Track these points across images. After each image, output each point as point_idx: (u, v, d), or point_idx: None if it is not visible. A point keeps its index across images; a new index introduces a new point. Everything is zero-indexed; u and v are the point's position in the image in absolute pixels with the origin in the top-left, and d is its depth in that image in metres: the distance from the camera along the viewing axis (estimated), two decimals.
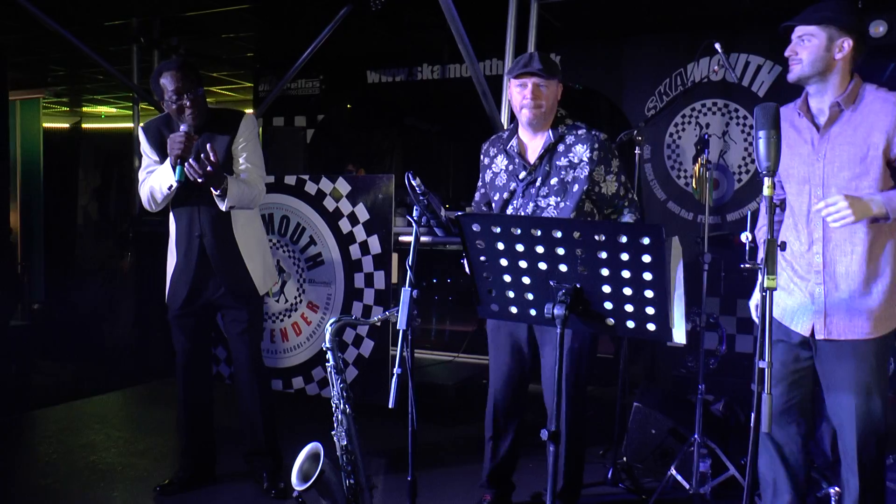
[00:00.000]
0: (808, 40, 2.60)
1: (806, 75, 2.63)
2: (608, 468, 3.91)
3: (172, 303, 3.70)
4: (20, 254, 8.48)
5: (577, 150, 3.16)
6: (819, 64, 2.60)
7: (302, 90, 7.65)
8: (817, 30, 2.59)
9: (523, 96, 3.16)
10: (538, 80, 3.14)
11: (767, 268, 2.05)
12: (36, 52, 7.81)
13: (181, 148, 3.35)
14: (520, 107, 3.19)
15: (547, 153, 3.20)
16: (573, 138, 3.18)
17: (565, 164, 3.16)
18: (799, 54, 2.62)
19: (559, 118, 3.26)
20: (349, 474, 2.85)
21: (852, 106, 2.61)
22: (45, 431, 4.86)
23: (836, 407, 2.67)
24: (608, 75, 6.17)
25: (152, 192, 3.54)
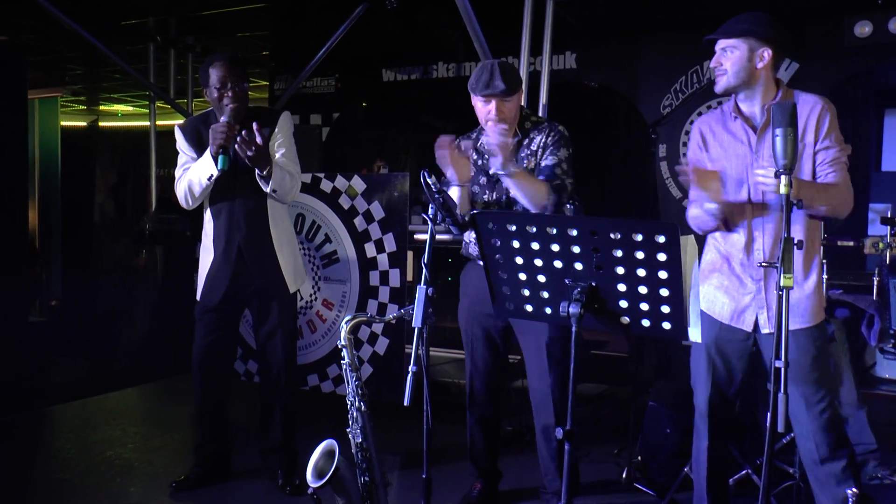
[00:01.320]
0: (731, 52, 2.73)
1: (732, 85, 2.75)
2: (623, 467, 3.90)
3: (208, 299, 3.70)
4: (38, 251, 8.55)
5: (537, 140, 3.29)
6: (743, 74, 2.72)
7: (317, 89, 7.67)
8: (738, 42, 2.72)
9: (488, 111, 3.23)
10: (499, 99, 3.21)
11: (784, 266, 2.05)
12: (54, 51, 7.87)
13: (223, 137, 3.39)
14: (485, 120, 3.27)
15: (514, 149, 3.29)
16: (536, 131, 3.31)
17: (527, 153, 3.29)
18: (723, 65, 2.74)
19: (525, 115, 3.38)
20: (364, 471, 2.86)
21: None
22: (62, 427, 4.91)
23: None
24: (624, 73, 6.16)
25: (190, 185, 3.55)
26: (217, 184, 3.53)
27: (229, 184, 3.57)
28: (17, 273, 5.42)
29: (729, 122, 2.82)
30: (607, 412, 5.16)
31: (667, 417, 3.89)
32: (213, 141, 3.42)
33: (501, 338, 3.44)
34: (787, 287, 2.06)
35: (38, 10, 5.49)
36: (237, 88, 3.51)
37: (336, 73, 7.56)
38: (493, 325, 3.41)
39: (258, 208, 3.61)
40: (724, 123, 2.84)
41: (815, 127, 2.68)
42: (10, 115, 5.30)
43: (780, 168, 2.19)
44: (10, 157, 5.27)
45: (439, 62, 6.98)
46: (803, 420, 2.71)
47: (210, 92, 3.55)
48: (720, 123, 2.85)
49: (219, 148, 3.40)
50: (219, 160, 3.41)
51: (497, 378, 3.49)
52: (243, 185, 3.57)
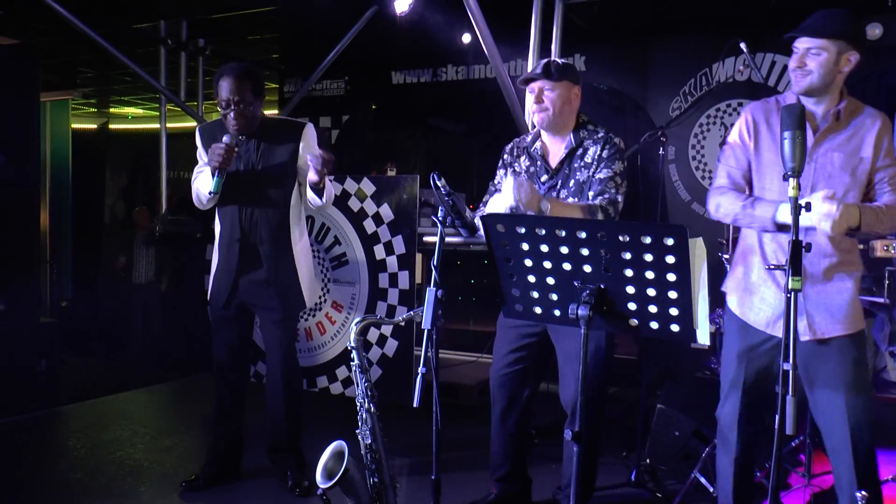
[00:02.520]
0: (819, 53, 2.58)
1: (815, 88, 2.61)
2: (632, 470, 3.90)
3: (215, 302, 3.75)
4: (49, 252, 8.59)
5: (591, 152, 3.21)
6: (828, 78, 2.59)
7: (327, 91, 7.70)
8: (829, 43, 2.56)
9: (532, 101, 3.24)
10: (542, 83, 3.20)
11: (793, 269, 2.05)
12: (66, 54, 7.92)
13: (219, 160, 3.43)
14: (532, 112, 3.27)
15: (567, 157, 3.24)
16: (591, 142, 3.23)
17: (582, 165, 3.21)
18: (808, 66, 2.59)
19: (582, 122, 3.29)
20: (373, 473, 2.87)
21: (848, 118, 2.65)
22: (73, 427, 4.93)
23: (825, 404, 2.66)
24: (633, 75, 6.16)
25: (198, 193, 3.64)
26: (231, 189, 3.58)
27: (244, 190, 3.59)
28: (28, 274, 5.45)
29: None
30: (616, 414, 5.15)
31: (676, 420, 3.89)
32: (210, 162, 3.47)
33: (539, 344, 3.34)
34: (796, 290, 2.05)
35: (51, 13, 5.53)
36: (242, 107, 3.49)
37: (346, 76, 7.59)
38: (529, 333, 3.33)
39: (280, 222, 3.65)
40: (778, 116, 2.66)
41: (875, 142, 2.61)
42: (23, 118, 5.34)
43: (787, 171, 2.18)
44: (22, 159, 5.30)
45: (448, 65, 7.00)
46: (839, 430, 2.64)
47: (219, 104, 3.55)
48: (773, 115, 2.72)
49: (214, 169, 3.45)
50: (213, 181, 3.46)
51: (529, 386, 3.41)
52: (260, 194, 3.61)
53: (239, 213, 3.63)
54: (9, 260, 5.22)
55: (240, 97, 3.48)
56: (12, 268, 5.24)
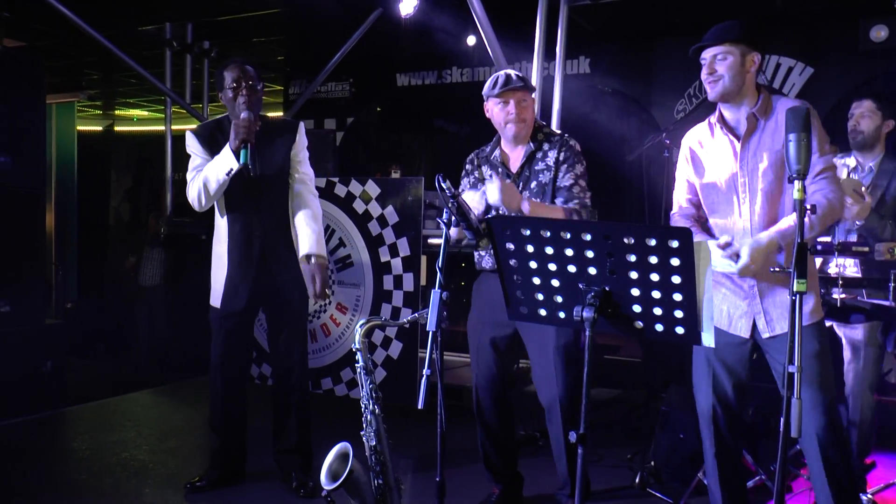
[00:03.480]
0: (725, 58, 2.73)
1: (728, 90, 2.74)
2: (636, 472, 3.89)
3: (229, 306, 3.69)
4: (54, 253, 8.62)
5: (551, 154, 3.32)
6: (738, 79, 2.74)
7: (332, 93, 7.71)
8: (732, 48, 2.74)
9: (507, 112, 3.29)
10: (521, 95, 3.29)
11: (797, 271, 2.05)
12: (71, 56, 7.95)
13: (246, 131, 3.45)
14: (504, 122, 3.32)
15: (527, 161, 3.35)
16: (548, 144, 3.34)
17: (542, 167, 3.32)
18: (718, 71, 2.74)
19: (537, 127, 3.41)
20: (378, 474, 2.87)
21: (766, 116, 2.75)
22: (78, 428, 4.95)
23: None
24: (637, 77, 6.16)
25: (206, 182, 3.53)
26: (237, 190, 3.56)
27: (250, 191, 3.59)
28: (33, 275, 5.46)
29: (717, 132, 2.85)
30: (620, 417, 5.15)
31: (680, 422, 3.89)
32: (236, 135, 3.45)
33: (507, 348, 3.45)
34: (801, 292, 2.05)
35: (56, 15, 5.55)
36: (251, 87, 3.57)
37: (350, 78, 7.60)
38: (500, 336, 3.41)
39: (281, 220, 3.68)
40: (710, 136, 2.88)
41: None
42: (29, 120, 5.35)
43: (793, 173, 2.19)
44: (28, 161, 5.31)
45: (453, 67, 7.01)
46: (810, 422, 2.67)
47: (225, 94, 3.60)
48: (707, 136, 2.89)
49: (241, 142, 3.45)
50: (241, 154, 3.45)
51: (501, 387, 3.48)
52: (266, 194, 3.63)
53: (250, 217, 3.63)
54: (14, 262, 5.23)
55: (247, 80, 3.56)
56: (18, 269, 5.25)
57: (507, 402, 3.52)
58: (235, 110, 3.57)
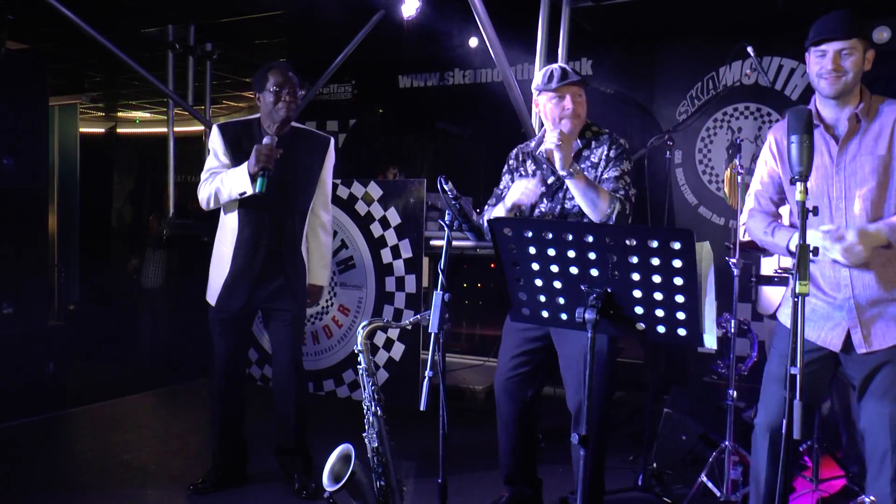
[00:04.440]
0: (851, 54, 2.55)
1: (849, 88, 2.58)
2: (638, 474, 3.89)
3: (226, 306, 3.69)
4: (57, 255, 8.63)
5: (598, 152, 3.24)
6: (858, 77, 2.58)
7: (334, 95, 7.71)
8: (857, 43, 2.56)
9: (563, 108, 3.19)
10: (577, 90, 3.21)
11: (800, 273, 2.04)
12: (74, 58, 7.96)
13: (265, 160, 3.42)
14: (559, 118, 3.21)
15: (575, 158, 3.24)
16: (597, 142, 3.26)
17: (588, 165, 3.24)
18: (845, 67, 2.55)
19: (586, 124, 3.33)
20: (380, 476, 2.87)
21: (868, 118, 2.60)
22: (80, 430, 4.95)
23: (871, 414, 2.64)
24: (640, 79, 6.16)
25: (218, 192, 3.54)
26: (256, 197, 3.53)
27: (270, 198, 3.57)
28: (36, 277, 5.47)
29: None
30: (623, 419, 5.15)
31: (683, 424, 3.89)
32: (257, 161, 3.42)
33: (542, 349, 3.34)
34: (803, 294, 2.05)
35: (59, 17, 5.56)
36: (293, 94, 3.57)
37: (353, 80, 7.60)
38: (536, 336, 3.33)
39: (294, 229, 3.69)
40: None
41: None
42: (32, 122, 5.35)
43: (795, 175, 2.17)
44: (30, 163, 5.32)
45: (455, 68, 7.01)
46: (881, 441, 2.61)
47: (265, 96, 3.57)
48: None
49: (260, 169, 3.42)
50: (257, 182, 3.43)
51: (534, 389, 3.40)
52: (286, 203, 3.64)
53: (267, 219, 3.62)
54: (17, 263, 5.24)
55: (292, 86, 3.57)
56: (20, 271, 5.25)
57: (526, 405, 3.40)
58: (273, 114, 3.57)
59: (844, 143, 2.61)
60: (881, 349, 2.59)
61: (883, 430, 2.60)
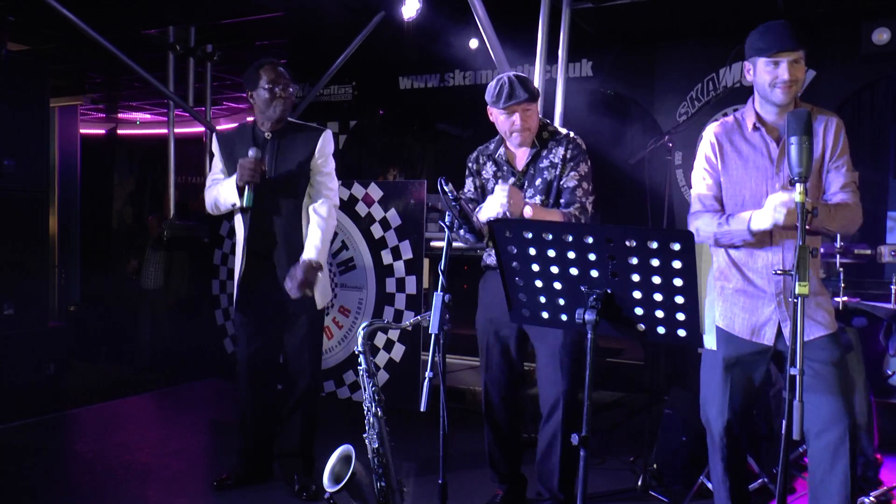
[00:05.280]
0: (800, 63, 2.68)
1: (796, 95, 2.71)
2: (638, 475, 3.90)
3: (238, 306, 3.76)
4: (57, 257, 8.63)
5: (556, 151, 3.31)
6: (801, 89, 2.73)
7: (335, 96, 7.72)
8: (802, 53, 2.68)
9: (512, 122, 3.27)
10: (525, 105, 3.26)
11: (799, 274, 2.05)
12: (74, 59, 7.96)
13: (251, 174, 3.46)
14: (510, 132, 3.30)
15: (533, 160, 3.34)
16: (554, 142, 3.33)
17: (547, 164, 3.32)
18: (797, 77, 2.67)
19: (542, 125, 3.39)
20: (380, 477, 2.88)
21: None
22: (81, 431, 4.96)
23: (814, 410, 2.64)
24: (640, 80, 6.17)
25: (216, 201, 3.66)
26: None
27: (262, 194, 3.60)
28: (36, 278, 5.48)
29: (747, 133, 2.77)
30: (622, 420, 5.15)
31: (682, 425, 3.89)
32: (240, 177, 3.47)
33: (516, 347, 3.45)
34: (803, 295, 2.05)
35: (60, 19, 5.57)
36: (290, 90, 3.61)
37: (353, 81, 7.61)
38: (509, 335, 3.43)
39: (293, 228, 3.66)
40: (741, 134, 2.79)
41: (832, 144, 2.69)
42: (32, 123, 5.37)
43: (794, 176, 2.18)
44: (31, 164, 5.34)
45: (456, 70, 7.02)
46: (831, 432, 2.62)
47: (259, 93, 3.61)
48: (736, 134, 2.79)
49: (245, 184, 3.47)
50: (244, 196, 3.49)
51: (512, 387, 3.50)
52: (277, 198, 3.63)
53: (264, 219, 3.64)
54: (17, 264, 5.25)
55: (285, 82, 3.62)
56: (21, 272, 5.27)
57: (515, 403, 3.52)
58: (269, 112, 3.61)
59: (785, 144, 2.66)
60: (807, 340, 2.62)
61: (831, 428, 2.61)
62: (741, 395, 2.79)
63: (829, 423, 2.60)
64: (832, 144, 2.69)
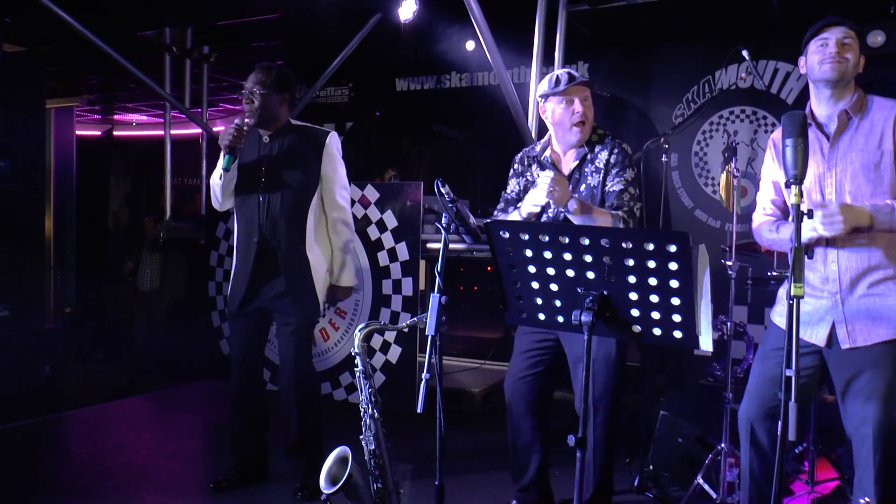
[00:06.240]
0: (851, 45, 2.60)
1: (849, 76, 2.60)
2: (635, 476, 3.90)
3: (231, 302, 3.77)
4: (53, 258, 8.62)
5: (601, 157, 3.21)
6: (855, 71, 2.61)
7: (331, 98, 7.71)
8: (856, 38, 2.61)
9: (573, 111, 3.18)
10: (586, 92, 3.20)
11: (795, 275, 2.05)
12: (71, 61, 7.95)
13: (230, 138, 3.53)
14: (570, 124, 3.19)
15: (579, 164, 3.24)
16: (601, 147, 3.23)
17: (592, 170, 3.21)
18: (846, 53, 2.59)
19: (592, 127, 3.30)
20: (377, 478, 2.88)
21: (859, 113, 2.62)
22: (76, 432, 4.94)
23: (854, 415, 2.61)
24: (636, 83, 6.17)
25: (213, 186, 3.72)
26: (245, 190, 3.66)
27: (256, 192, 3.63)
28: (32, 280, 5.47)
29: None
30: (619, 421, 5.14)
31: (679, 426, 3.90)
32: (221, 141, 3.57)
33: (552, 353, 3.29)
34: (798, 296, 2.05)
35: (56, 20, 5.56)
36: (256, 91, 3.60)
37: (350, 83, 7.60)
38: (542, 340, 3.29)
39: (296, 226, 3.65)
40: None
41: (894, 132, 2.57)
42: (28, 125, 5.37)
43: (790, 178, 2.19)
44: (27, 166, 5.33)
45: (452, 72, 7.02)
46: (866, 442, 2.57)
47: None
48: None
49: (225, 148, 3.55)
50: (224, 159, 3.57)
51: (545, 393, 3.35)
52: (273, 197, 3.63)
53: (257, 215, 3.65)
54: (14, 266, 5.25)
55: (253, 85, 3.62)
56: (17, 274, 5.26)
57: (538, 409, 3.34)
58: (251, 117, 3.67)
59: (835, 139, 2.63)
60: (864, 346, 2.57)
61: (866, 431, 2.57)
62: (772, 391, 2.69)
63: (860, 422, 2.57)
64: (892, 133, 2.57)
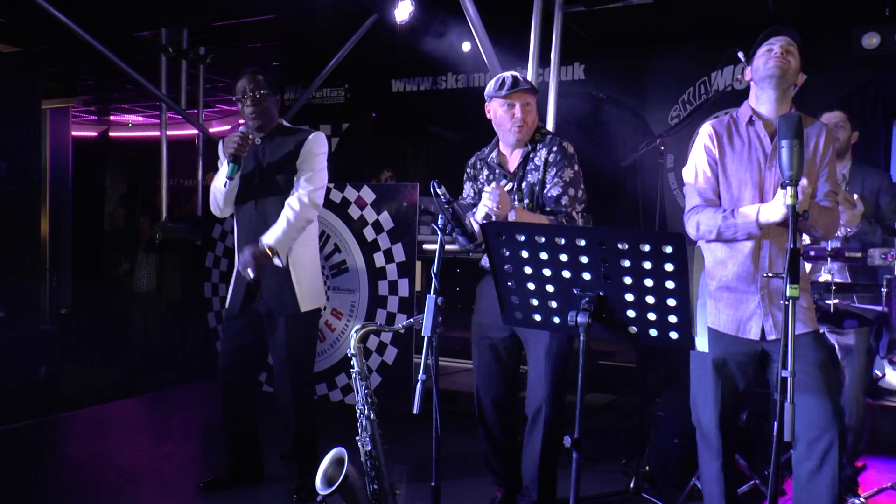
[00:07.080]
0: (793, 52, 2.73)
1: (790, 78, 2.73)
2: (631, 477, 3.90)
3: (232, 305, 3.77)
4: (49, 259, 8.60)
5: (541, 154, 3.29)
6: (793, 78, 2.75)
7: (327, 99, 7.72)
8: (797, 49, 2.75)
9: (512, 115, 3.27)
10: (527, 97, 3.27)
11: (790, 277, 2.06)
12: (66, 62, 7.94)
13: (235, 146, 3.52)
14: (508, 127, 3.29)
15: (523, 162, 3.33)
16: (541, 145, 3.32)
17: (532, 168, 3.31)
18: (789, 57, 2.72)
19: (535, 129, 3.39)
20: (373, 479, 2.88)
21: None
22: (72, 434, 4.94)
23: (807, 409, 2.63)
24: (632, 84, 6.19)
25: (214, 191, 3.70)
26: (241, 194, 3.68)
27: (250, 195, 3.66)
28: (27, 281, 5.46)
29: (742, 128, 2.81)
30: (615, 422, 5.16)
31: (675, 427, 3.90)
32: (226, 149, 3.57)
33: (507, 350, 3.44)
34: (794, 297, 2.06)
35: (52, 21, 5.55)
36: (257, 95, 3.61)
37: (346, 84, 7.61)
38: (500, 338, 3.41)
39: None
40: (735, 130, 2.83)
41: (822, 152, 2.73)
42: (24, 125, 5.35)
43: (785, 179, 2.20)
44: (23, 167, 5.32)
45: (448, 73, 7.02)
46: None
47: (237, 102, 3.68)
48: (732, 130, 2.83)
49: (230, 156, 3.54)
50: (229, 167, 3.55)
51: (503, 389, 3.48)
52: (264, 199, 3.65)
53: (254, 218, 3.67)
54: (9, 267, 5.23)
55: (253, 89, 3.62)
56: (12, 275, 5.25)
57: (507, 405, 3.50)
58: (248, 122, 3.66)
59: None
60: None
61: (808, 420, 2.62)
62: (731, 395, 2.81)
63: (819, 427, 2.60)
64: (822, 152, 2.74)
